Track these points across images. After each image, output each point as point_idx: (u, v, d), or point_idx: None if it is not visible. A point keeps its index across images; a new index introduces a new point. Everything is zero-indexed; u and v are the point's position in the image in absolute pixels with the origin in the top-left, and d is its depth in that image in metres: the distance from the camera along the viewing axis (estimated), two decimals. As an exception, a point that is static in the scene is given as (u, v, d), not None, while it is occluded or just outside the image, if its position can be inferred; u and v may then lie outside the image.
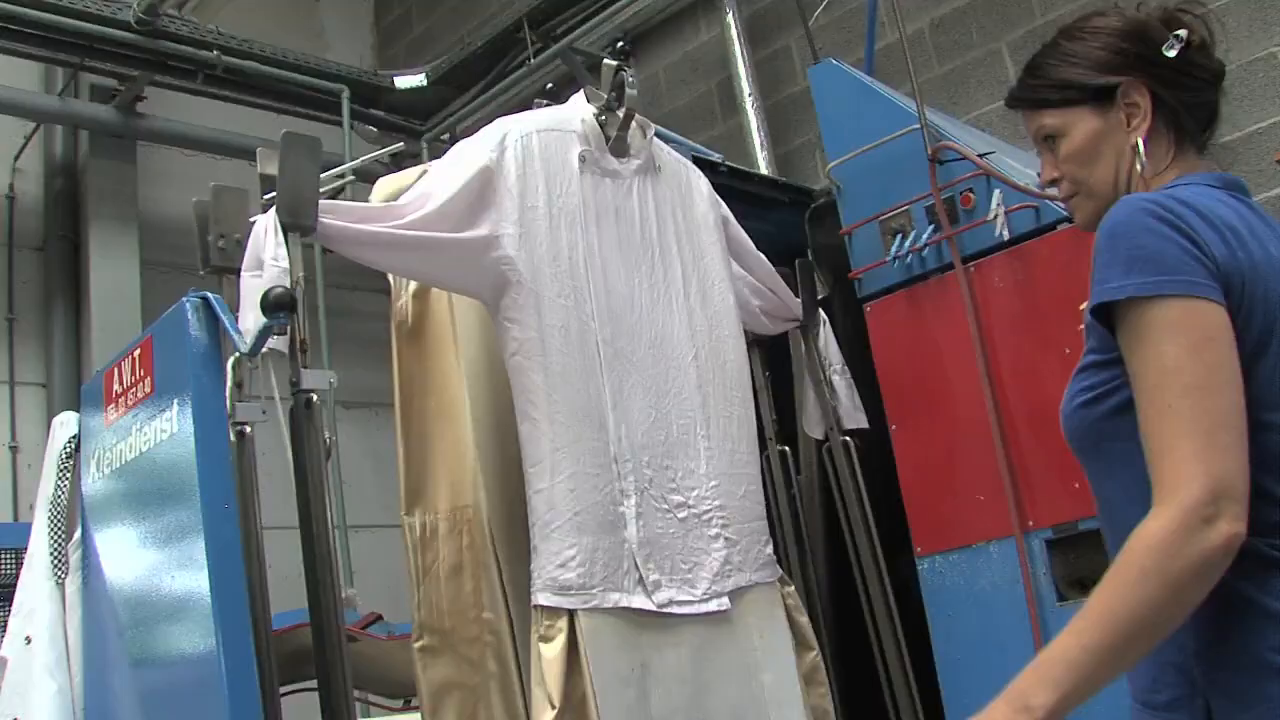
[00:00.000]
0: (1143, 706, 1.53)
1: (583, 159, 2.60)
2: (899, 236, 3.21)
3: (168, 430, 2.30)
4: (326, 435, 2.20)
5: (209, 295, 2.26)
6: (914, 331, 3.18)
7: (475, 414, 2.50)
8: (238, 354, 2.17)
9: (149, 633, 2.40)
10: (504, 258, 2.40)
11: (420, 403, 2.60)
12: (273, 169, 2.20)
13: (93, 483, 2.68)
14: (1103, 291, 1.44)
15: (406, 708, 4.35)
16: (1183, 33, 1.63)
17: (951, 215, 3.09)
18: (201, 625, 2.16)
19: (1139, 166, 1.65)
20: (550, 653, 2.25)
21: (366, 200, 2.63)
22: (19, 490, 6.56)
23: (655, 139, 2.81)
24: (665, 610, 2.43)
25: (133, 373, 2.45)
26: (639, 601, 2.39)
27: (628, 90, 2.64)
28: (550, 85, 6.69)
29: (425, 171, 2.63)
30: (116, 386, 2.53)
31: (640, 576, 2.40)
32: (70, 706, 2.69)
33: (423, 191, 2.44)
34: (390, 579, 4.45)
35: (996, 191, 3.04)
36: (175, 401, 2.27)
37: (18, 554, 5.10)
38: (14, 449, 6.67)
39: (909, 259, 3.18)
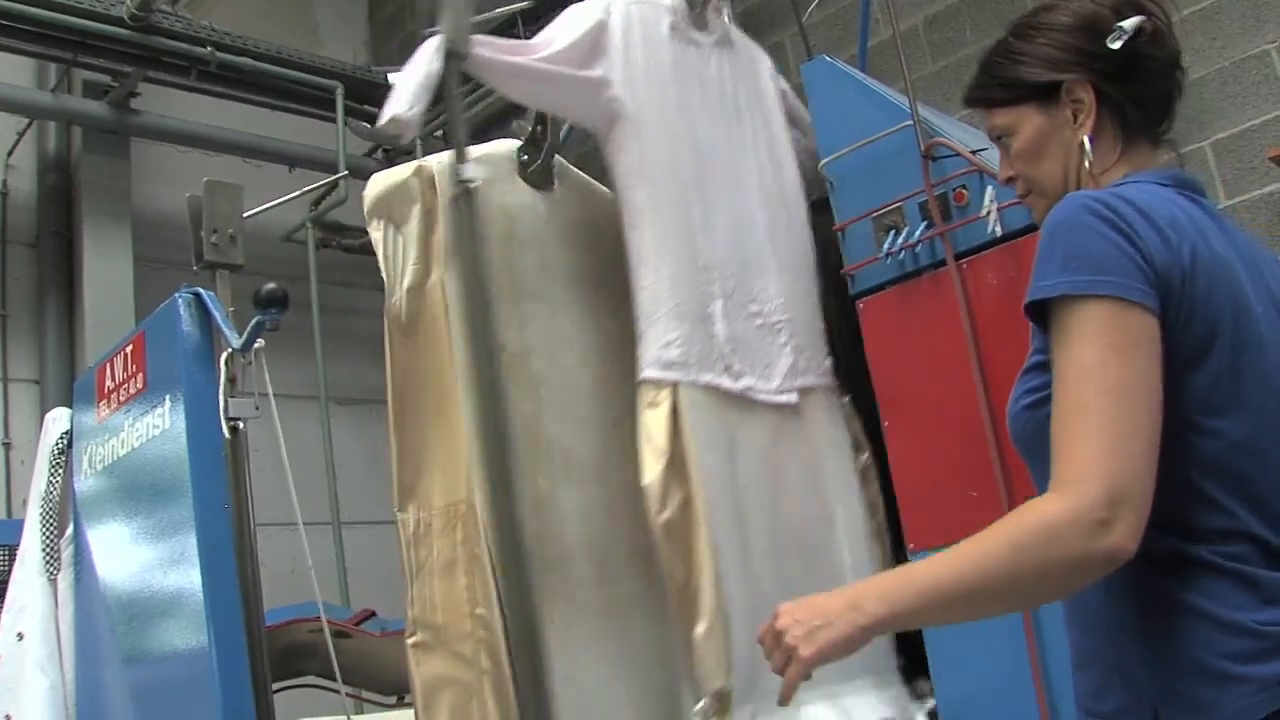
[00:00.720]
0: (1087, 715, 1.52)
1: (673, 28, 2.99)
2: (892, 233, 3.20)
3: (160, 426, 2.30)
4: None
5: (201, 291, 2.26)
6: (907, 328, 3.18)
7: (469, 410, 2.50)
8: (230, 350, 2.17)
9: (141, 629, 2.40)
10: (613, 98, 2.80)
11: (414, 398, 2.60)
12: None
13: (85, 479, 2.68)
14: (1036, 289, 1.43)
15: (400, 704, 4.35)
16: (1128, 24, 1.61)
17: (945, 212, 3.09)
18: (193, 621, 2.16)
19: (1086, 164, 1.63)
20: (657, 417, 2.61)
21: (360, 197, 2.65)
22: (12, 487, 6.56)
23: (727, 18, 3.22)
24: (746, 394, 2.80)
25: (125, 369, 2.45)
26: (726, 383, 2.76)
27: None
28: None
29: (420, 166, 2.63)
30: (109, 383, 2.52)
31: (726, 365, 2.77)
32: (62, 702, 2.68)
33: (547, 38, 2.86)
34: (384, 575, 4.45)
35: (989, 188, 3.04)
36: (167, 397, 2.26)
37: (10, 551, 5.10)
38: (7, 445, 6.67)
39: (902, 255, 3.18)
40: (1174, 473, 1.39)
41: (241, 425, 2.32)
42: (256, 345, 2.13)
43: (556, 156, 2.80)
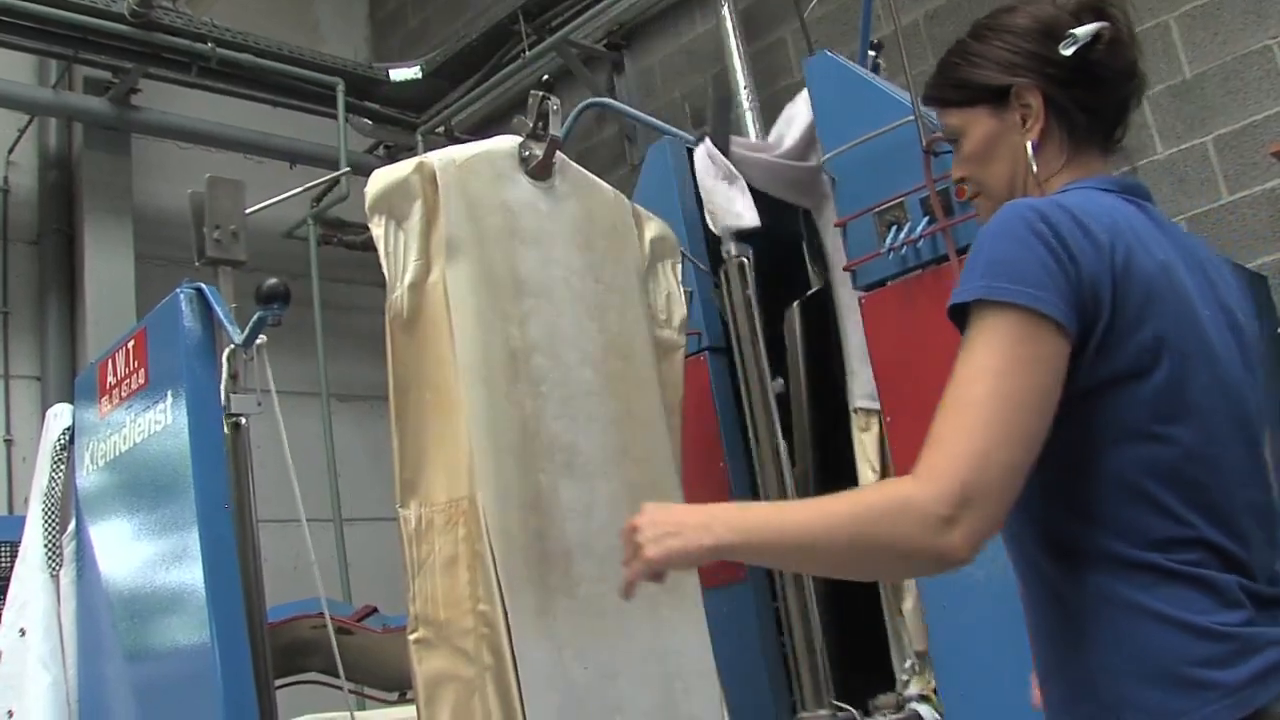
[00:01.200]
0: None
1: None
2: (894, 228, 3.20)
3: (162, 422, 2.29)
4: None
5: (203, 286, 2.26)
6: (909, 322, 3.18)
7: (470, 405, 2.50)
8: (233, 346, 2.17)
9: (143, 625, 2.40)
10: (826, 182, 3.54)
11: (415, 395, 2.60)
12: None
13: (87, 475, 2.68)
14: (957, 294, 1.44)
15: (402, 700, 4.35)
16: (1080, 31, 1.58)
17: (946, 207, 3.09)
18: (196, 617, 2.16)
19: (1033, 169, 1.62)
20: (870, 438, 3.25)
21: (361, 194, 2.65)
22: (13, 483, 6.56)
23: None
24: None
25: (127, 364, 2.45)
26: None
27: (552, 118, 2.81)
28: (546, 77, 6.67)
29: (421, 162, 2.64)
30: (110, 378, 2.52)
31: None
32: (65, 698, 2.68)
33: (778, 135, 3.70)
34: (385, 571, 4.45)
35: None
36: (169, 393, 2.26)
37: (12, 547, 5.09)
38: (8, 442, 6.67)
39: (904, 250, 3.18)
40: (1129, 481, 1.39)
41: (243, 421, 2.32)
42: (258, 341, 2.13)
43: (558, 153, 2.80)
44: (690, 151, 3.95)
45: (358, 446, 7.28)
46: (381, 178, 2.63)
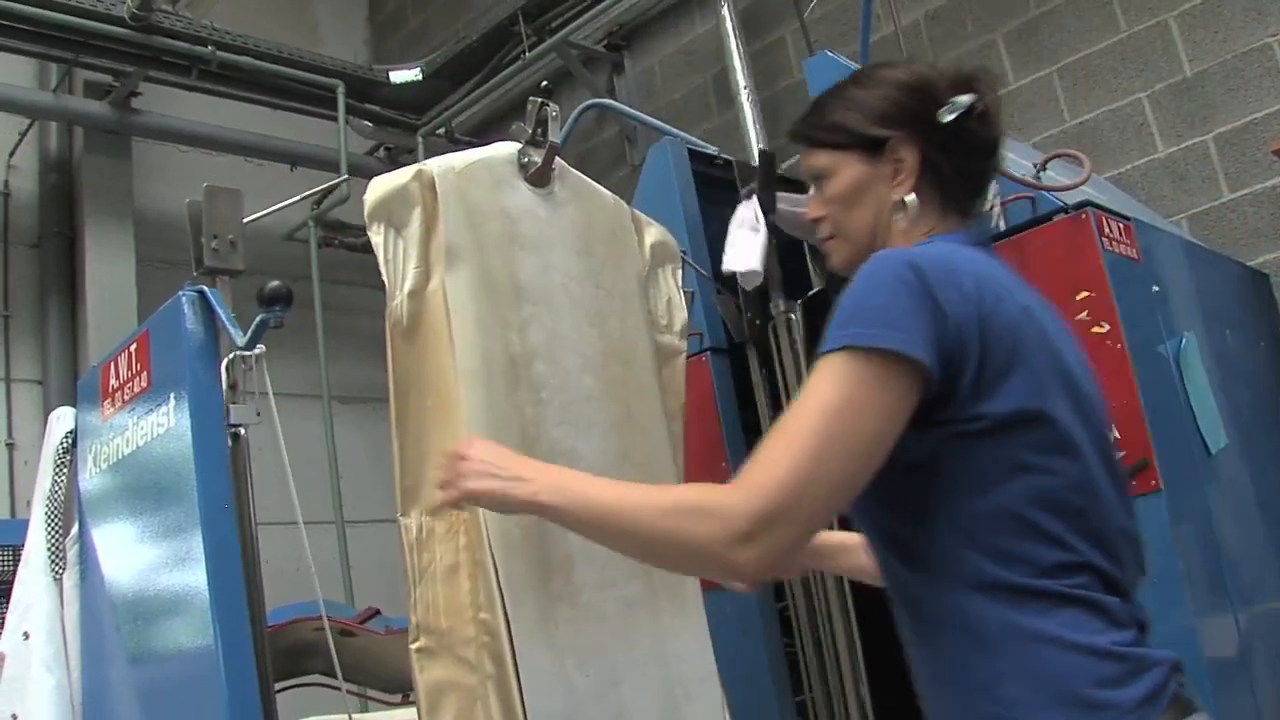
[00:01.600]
0: None
1: None
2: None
3: (164, 425, 2.29)
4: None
5: (205, 289, 2.25)
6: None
7: (470, 412, 2.50)
8: (234, 354, 2.17)
9: (147, 628, 2.40)
10: None
11: (416, 402, 2.59)
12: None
13: (90, 478, 2.68)
14: (827, 342, 1.45)
15: (405, 702, 4.35)
16: (964, 99, 1.64)
17: (948, 206, 3.09)
18: (199, 621, 2.16)
19: (897, 220, 1.66)
20: None
21: (362, 196, 2.65)
22: (16, 487, 6.56)
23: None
24: None
25: (129, 367, 2.45)
26: None
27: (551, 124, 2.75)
28: (545, 82, 6.68)
29: (420, 169, 2.63)
30: (113, 381, 2.52)
31: None
32: (69, 701, 2.68)
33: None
34: (388, 574, 4.45)
35: (993, 183, 3.04)
36: (171, 396, 2.26)
37: (15, 551, 5.08)
38: (10, 446, 6.67)
39: (905, 250, 3.19)
40: (1018, 513, 1.44)
41: (243, 432, 2.31)
42: (257, 349, 2.13)
43: (557, 158, 2.79)
44: (692, 153, 3.96)
45: (360, 448, 7.28)
46: (380, 185, 2.62)
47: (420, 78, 7.65)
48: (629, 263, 2.99)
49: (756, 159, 3.71)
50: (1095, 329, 2.82)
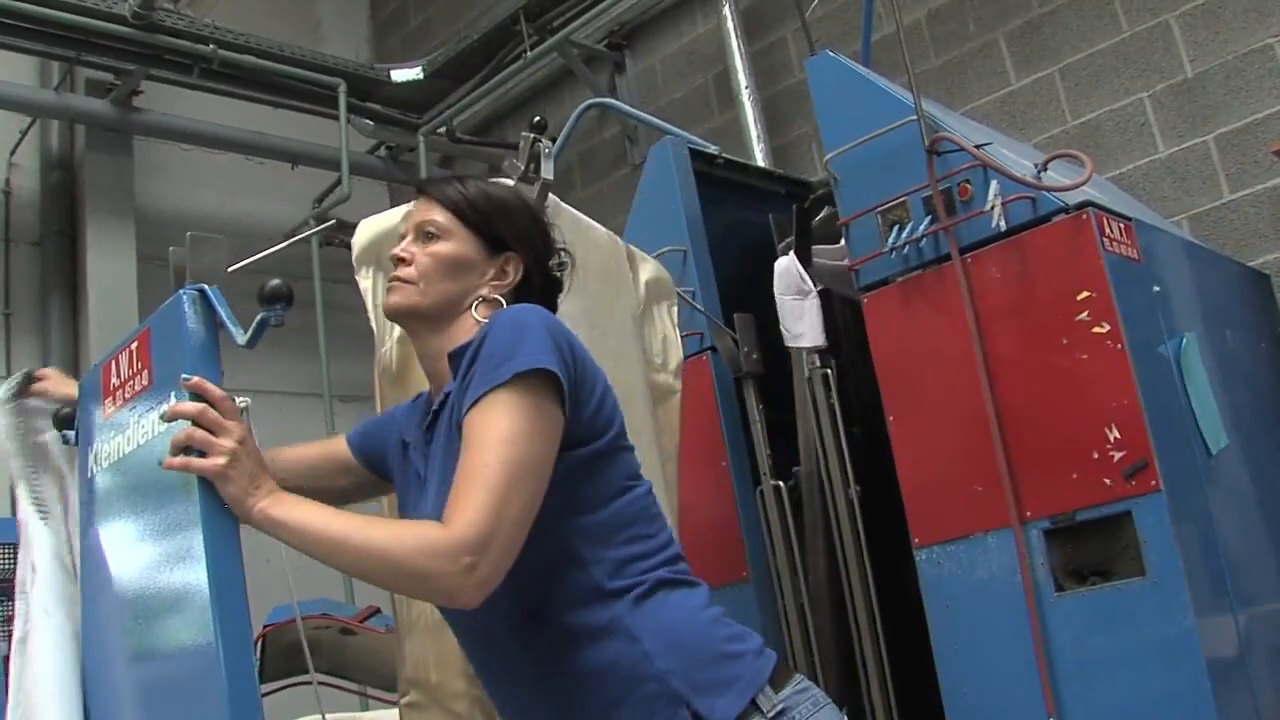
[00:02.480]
0: None
1: None
2: (896, 228, 3.20)
3: (165, 423, 2.29)
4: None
5: (205, 288, 2.25)
6: (911, 322, 3.18)
7: None
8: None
9: (148, 626, 2.40)
10: None
11: None
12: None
13: (91, 477, 2.67)
14: (482, 385, 1.65)
15: (405, 700, 4.35)
16: (568, 260, 2.06)
17: (949, 206, 3.09)
18: (200, 618, 2.16)
19: (474, 305, 1.89)
20: None
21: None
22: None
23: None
24: None
25: (130, 365, 2.44)
26: None
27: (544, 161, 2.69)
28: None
29: (409, 212, 2.54)
30: (114, 380, 2.52)
31: None
32: (70, 639, 2.64)
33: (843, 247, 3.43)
34: (388, 572, 4.45)
35: (994, 182, 3.04)
36: (173, 394, 2.26)
37: (14, 549, 5.10)
38: (11, 443, 6.66)
39: (906, 250, 3.18)
40: (630, 520, 1.75)
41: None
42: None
43: (550, 195, 2.72)
44: (693, 153, 3.96)
45: (360, 447, 7.27)
46: (368, 228, 2.52)
47: (421, 76, 7.65)
48: (624, 301, 2.92)
49: (794, 216, 3.74)
50: (1096, 329, 2.82)
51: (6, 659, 4.70)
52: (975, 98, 5.44)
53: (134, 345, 2.45)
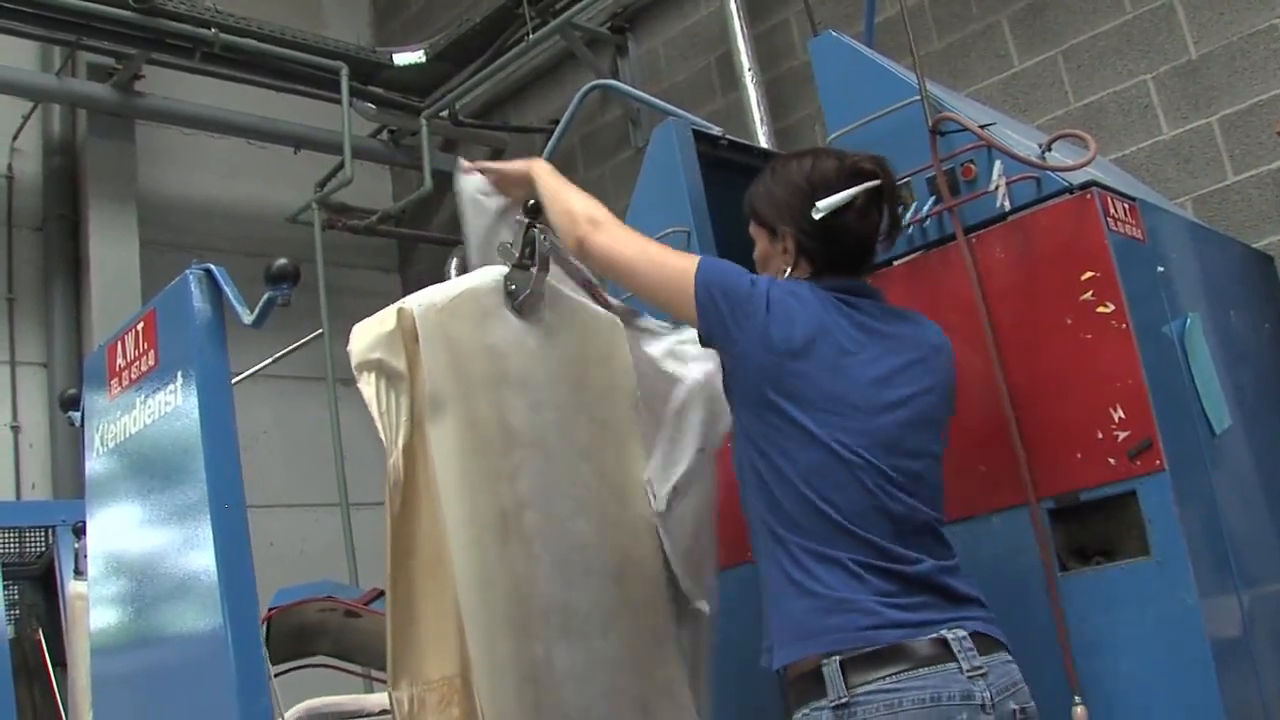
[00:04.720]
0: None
1: None
2: (900, 208, 3.20)
3: (171, 403, 2.30)
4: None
5: (211, 268, 2.26)
6: (916, 304, 3.17)
7: (459, 575, 2.33)
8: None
9: (155, 608, 2.41)
10: None
11: (404, 564, 2.41)
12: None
13: (97, 458, 2.68)
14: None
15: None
16: (824, 204, 2.25)
17: (953, 187, 3.08)
18: (207, 600, 2.16)
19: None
20: None
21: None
22: (20, 470, 6.58)
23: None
24: None
25: (136, 346, 2.45)
26: None
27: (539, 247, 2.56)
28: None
29: (400, 310, 2.48)
30: (120, 360, 2.52)
31: None
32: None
33: None
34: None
35: (998, 162, 3.03)
36: (179, 374, 2.26)
37: (20, 532, 5.11)
38: (15, 429, 6.68)
39: (910, 231, 3.18)
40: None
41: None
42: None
43: (547, 280, 2.60)
44: (697, 135, 3.94)
45: (364, 431, 7.22)
46: (364, 333, 2.46)
47: (424, 60, 7.63)
48: (622, 386, 2.82)
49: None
50: (1100, 309, 2.82)
51: (12, 641, 4.72)
52: (978, 80, 5.43)
53: (140, 326, 2.46)
